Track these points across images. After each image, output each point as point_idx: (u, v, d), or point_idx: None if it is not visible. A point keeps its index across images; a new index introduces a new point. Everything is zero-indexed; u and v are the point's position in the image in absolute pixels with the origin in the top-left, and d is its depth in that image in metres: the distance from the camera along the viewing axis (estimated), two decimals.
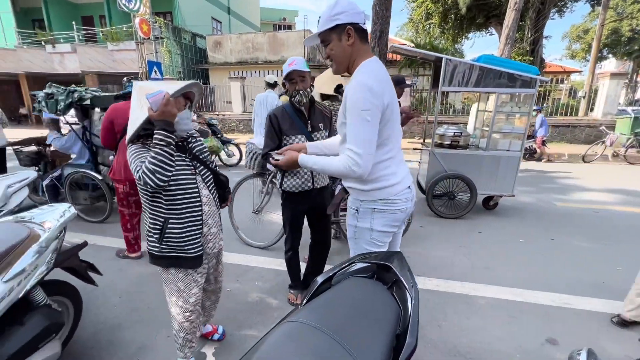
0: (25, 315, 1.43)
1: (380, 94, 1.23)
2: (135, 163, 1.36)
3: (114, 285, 2.50)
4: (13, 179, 2.00)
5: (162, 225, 1.45)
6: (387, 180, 1.37)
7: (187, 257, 1.50)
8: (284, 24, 27.96)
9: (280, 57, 13.53)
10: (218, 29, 19.15)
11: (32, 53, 14.95)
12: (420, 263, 2.86)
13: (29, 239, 1.44)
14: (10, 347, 1.33)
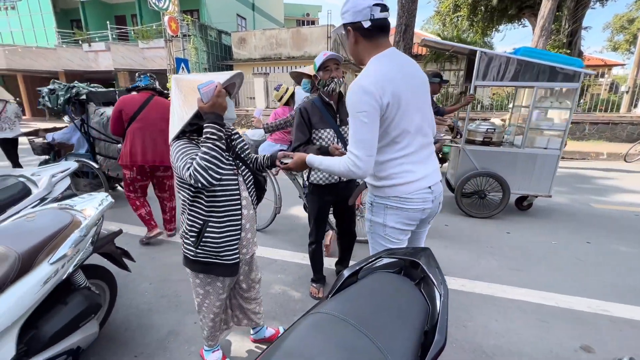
0: (68, 296, 1.53)
1: (378, 95, 1.20)
2: (183, 160, 1.26)
3: (145, 272, 2.62)
4: (57, 169, 2.15)
5: (201, 227, 1.38)
6: (400, 178, 1.35)
7: (222, 264, 1.43)
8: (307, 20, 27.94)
9: (304, 53, 13.55)
10: (243, 25, 19.44)
11: (70, 52, 15.86)
12: (446, 262, 2.80)
13: (71, 225, 1.54)
14: (55, 324, 1.44)
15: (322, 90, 1.98)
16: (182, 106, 1.32)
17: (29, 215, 1.57)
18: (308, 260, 2.44)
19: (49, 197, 1.99)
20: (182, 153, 1.28)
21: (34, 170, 2.08)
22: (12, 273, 1.29)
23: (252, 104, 12.90)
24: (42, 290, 1.37)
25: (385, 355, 0.78)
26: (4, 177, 1.96)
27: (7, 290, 1.27)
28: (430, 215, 1.47)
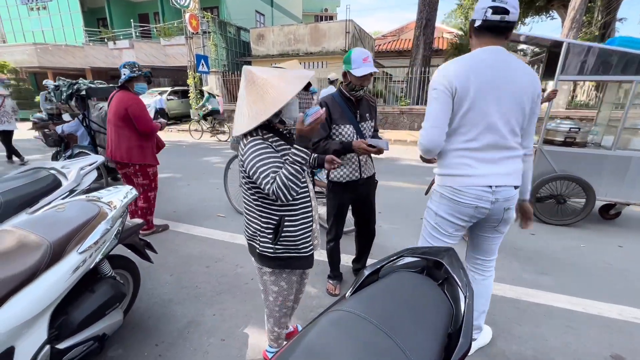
0: (94, 284, 1.59)
1: (450, 77, 1.34)
2: (263, 169, 1.22)
3: (166, 264, 2.69)
4: (85, 162, 2.24)
5: (277, 224, 1.36)
6: (457, 169, 1.42)
7: (300, 256, 1.43)
8: (325, 15, 27.75)
9: (321, 49, 13.47)
10: (261, 21, 19.52)
11: (96, 49, 16.44)
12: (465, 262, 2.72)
13: (99, 216, 1.59)
14: (84, 311, 1.50)
15: (348, 91, 1.95)
16: (256, 102, 1.23)
17: (60, 207, 1.64)
18: (324, 257, 2.43)
19: (77, 189, 2.07)
20: (260, 160, 1.23)
21: (64, 163, 2.18)
22: (45, 261, 1.35)
23: None
24: (71, 278, 1.43)
25: (408, 356, 0.77)
26: (36, 169, 2.05)
27: (40, 277, 1.33)
28: (491, 218, 1.46)
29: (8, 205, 1.70)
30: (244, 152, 1.27)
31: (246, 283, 2.44)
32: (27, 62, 16.70)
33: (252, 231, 1.43)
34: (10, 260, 1.30)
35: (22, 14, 18.72)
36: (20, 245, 1.36)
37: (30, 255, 1.34)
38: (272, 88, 1.22)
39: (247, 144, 1.27)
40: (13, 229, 1.42)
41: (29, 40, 18.13)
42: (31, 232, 1.41)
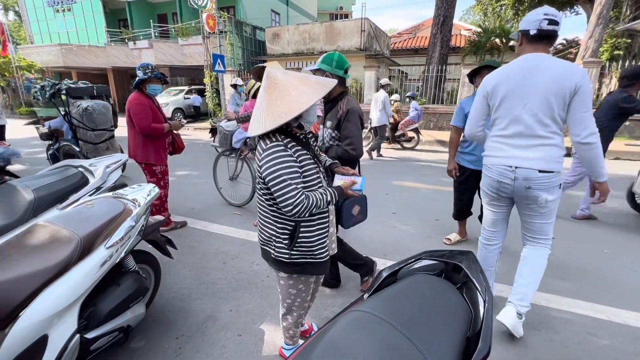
0: (120, 278, 1.66)
1: (486, 83, 1.82)
2: (286, 185, 1.21)
3: (185, 260, 2.77)
4: (110, 160, 2.33)
5: (293, 229, 1.35)
6: (490, 151, 1.88)
7: (316, 262, 1.42)
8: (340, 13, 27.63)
9: (337, 47, 13.44)
10: (277, 20, 19.63)
11: (117, 49, 16.93)
12: None
13: (124, 213, 1.66)
14: (110, 303, 1.57)
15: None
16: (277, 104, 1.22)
17: (88, 203, 1.72)
18: None
19: (103, 186, 2.16)
20: (283, 171, 1.21)
21: (91, 161, 2.28)
22: (76, 255, 1.42)
23: None
24: (99, 272, 1.50)
25: (426, 357, 0.78)
26: (65, 167, 2.16)
27: (71, 270, 1.40)
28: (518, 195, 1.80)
29: (41, 201, 1.79)
30: (263, 156, 1.24)
31: (262, 280, 2.49)
32: (53, 62, 17.38)
33: (267, 236, 1.41)
34: (45, 254, 1.37)
35: (48, 15, 19.48)
36: (54, 240, 1.44)
37: (62, 249, 1.41)
38: (295, 91, 1.22)
39: (266, 149, 1.24)
40: (46, 224, 1.50)
41: (55, 41, 18.86)
42: (63, 227, 1.49)
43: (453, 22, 11.57)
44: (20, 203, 1.75)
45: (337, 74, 1.94)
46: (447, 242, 3.14)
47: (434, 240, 3.16)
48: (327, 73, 1.96)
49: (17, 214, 1.72)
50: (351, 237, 3.08)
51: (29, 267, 1.32)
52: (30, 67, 16.53)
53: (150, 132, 2.90)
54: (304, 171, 1.29)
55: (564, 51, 17.69)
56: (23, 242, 1.42)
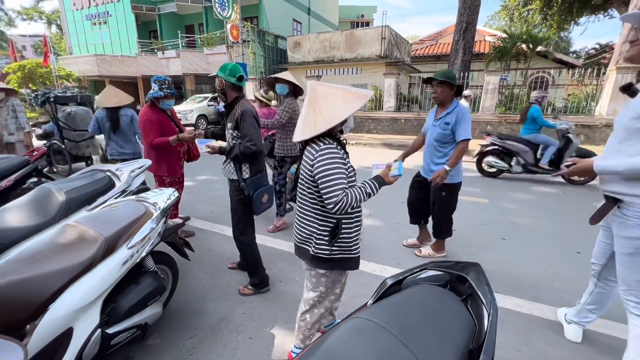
0: (139, 277, 1.76)
1: None
2: (335, 180, 1.32)
3: (202, 262, 2.86)
4: (135, 166, 2.48)
5: (334, 226, 1.44)
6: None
7: (352, 257, 1.52)
8: (361, 21, 27.80)
9: (357, 55, 13.52)
10: (298, 29, 20.02)
11: (147, 59, 17.83)
12: (499, 278, 2.60)
13: (145, 215, 1.76)
14: (130, 300, 1.66)
15: None
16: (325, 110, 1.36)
17: (113, 205, 1.84)
18: None
19: (128, 189, 2.30)
20: (334, 169, 1.34)
21: (117, 166, 2.43)
22: (100, 253, 1.52)
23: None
24: (121, 270, 1.59)
25: None
26: (95, 171, 2.31)
27: (96, 268, 1.50)
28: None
29: (72, 202, 1.93)
30: (318, 155, 1.36)
31: (275, 285, 2.53)
32: (88, 71, 18.53)
33: (307, 234, 1.50)
34: (73, 252, 1.48)
35: (86, 28, 20.87)
36: (81, 239, 1.55)
37: (88, 247, 1.51)
38: (340, 99, 1.37)
39: (321, 149, 1.37)
40: (75, 224, 1.61)
41: (91, 52, 20.10)
42: (90, 227, 1.60)
43: (476, 28, 11.37)
44: (54, 204, 1.90)
45: (230, 80, 2.16)
46: (404, 243, 3.18)
47: (452, 251, 3.09)
48: (222, 79, 2.18)
49: (50, 213, 1.86)
50: (365, 245, 3.07)
51: (59, 263, 1.42)
52: (68, 76, 17.71)
53: (155, 146, 2.87)
54: (350, 171, 1.43)
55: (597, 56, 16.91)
56: (55, 240, 1.54)
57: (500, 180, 5.80)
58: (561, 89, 12.29)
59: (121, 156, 3.55)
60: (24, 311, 1.30)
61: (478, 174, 6.16)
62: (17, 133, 4.97)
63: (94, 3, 19.76)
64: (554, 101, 10.81)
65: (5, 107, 4.88)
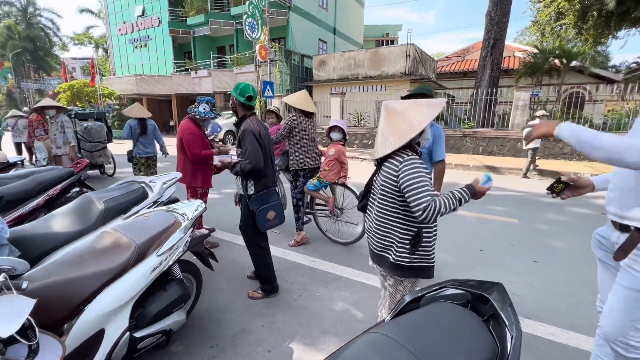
0: (166, 284, 1.84)
1: None
2: (422, 189, 1.37)
3: (225, 273, 2.93)
4: (167, 178, 2.64)
5: (415, 235, 1.49)
6: None
7: (429, 266, 1.56)
8: (386, 39, 28.15)
9: (381, 72, 13.66)
10: (323, 48, 20.60)
11: (181, 78, 18.99)
12: (530, 302, 2.46)
13: (174, 225, 1.86)
14: (156, 306, 1.73)
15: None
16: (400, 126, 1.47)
17: (146, 215, 1.96)
18: (373, 281, 2.42)
19: (160, 200, 2.44)
20: (420, 179, 1.39)
21: (151, 178, 2.59)
22: (132, 259, 1.61)
23: (328, 122, 13.44)
24: (150, 276, 1.68)
25: None
26: (131, 182, 2.49)
27: (128, 273, 1.59)
28: None
29: (109, 211, 2.09)
30: (403, 166, 1.43)
31: (294, 299, 2.54)
32: (128, 90, 19.95)
33: (388, 242, 1.55)
34: (109, 257, 1.59)
35: (128, 51, 22.64)
36: (116, 245, 1.66)
37: (122, 253, 1.62)
38: (414, 112, 1.45)
39: (406, 160, 1.44)
40: (112, 231, 1.73)
41: (132, 72, 21.71)
42: (124, 235, 1.71)
43: (505, 44, 11.19)
44: (94, 212, 2.05)
45: (239, 99, 2.34)
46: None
47: (479, 272, 2.97)
48: (234, 98, 2.38)
49: (90, 220, 2.01)
50: None
51: (96, 267, 1.53)
52: (110, 95, 19.14)
53: (201, 159, 3.13)
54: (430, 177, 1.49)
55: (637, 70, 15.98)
56: (93, 245, 1.66)
57: (530, 198, 5.54)
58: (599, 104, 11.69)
59: (145, 154, 4.75)
60: (64, 310, 1.41)
61: (506, 192, 5.92)
62: (64, 147, 5.43)
63: (136, 28, 21.48)
64: (591, 117, 10.28)
65: (55, 123, 5.37)
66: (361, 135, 12.31)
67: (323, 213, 3.67)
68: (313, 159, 3.45)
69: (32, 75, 31.88)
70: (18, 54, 31.26)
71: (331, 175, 3.38)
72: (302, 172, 3.46)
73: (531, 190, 6.06)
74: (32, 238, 1.80)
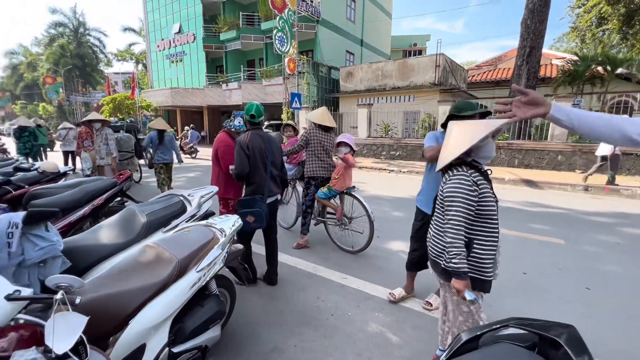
0: (203, 300, 1.85)
1: None
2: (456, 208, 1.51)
3: (257, 288, 2.93)
4: (205, 192, 2.70)
5: (467, 244, 1.56)
6: None
7: (482, 279, 1.59)
8: (414, 50, 27.91)
9: (409, 83, 13.50)
10: (351, 60, 20.76)
11: (213, 91, 19.83)
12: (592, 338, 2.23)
13: (213, 240, 1.88)
14: (194, 322, 1.74)
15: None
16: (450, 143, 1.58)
17: (186, 229, 2.00)
18: (407, 303, 2.32)
19: (197, 214, 2.50)
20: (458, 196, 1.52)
21: (190, 192, 2.67)
22: (174, 275, 1.64)
23: (355, 132, 13.40)
24: (189, 292, 1.69)
25: None
26: (171, 195, 2.57)
27: (169, 288, 1.62)
28: None
29: (151, 224, 2.15)
30: (448, 180, 1.60)
31: (326, 318, 2.47)
32: (164, 102, 21.09)
33: (440, 248, 1.65)
34: (152, 271, 1.62)
35: (165, 66, 24.03)
36: (158, 260, 1.70)
37: (164, 268, 1.65)
38: (468, 130, 1.52)
39: (450, 177, 1.59)
40: (154, 246, 1.77)
41: (168, 85, 22.95)
42: (166, 249, 1.75)
43: (542, 52, 10.71)
44: (137, 225, 2.13)
45: (246, 117, 2.86)
46: (392, 298, 2.68)
47: (523, 298, 2.76)
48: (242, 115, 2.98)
49: (133, 233, 2.09)
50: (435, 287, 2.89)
51: (140, 281, 1.56)
52: (147, 107, 20.31)
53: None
54: (482, 197, 1.53)
55: None
56: (137, 259, 1.71)
57: (576, 216, 5.15)
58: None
59: (162, 160, 5.69)
60: (110, 324, 1.44)
61: (548, 209, 5.55)
62: (107, 158, 5.77)
63: (173, 44, 22.80)
64: None
65: (100, 136, 5.74)
66: (388, 146, 12.15)
67: (333, 221, 3.87)
68: (326, 169, 3.73)
69: (79, 89, 34.59)
70: (69, 70, 34.12)
71: (340, 183, 3.58)
72: (314, 181, 3.76)
73: (576, 207, 5.64)
74: (81, 249, 1.89)
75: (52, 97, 34.50)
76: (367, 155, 12.65)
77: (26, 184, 3.53)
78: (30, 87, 40.92)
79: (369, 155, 12.59)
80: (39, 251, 1.57)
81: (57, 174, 4.08)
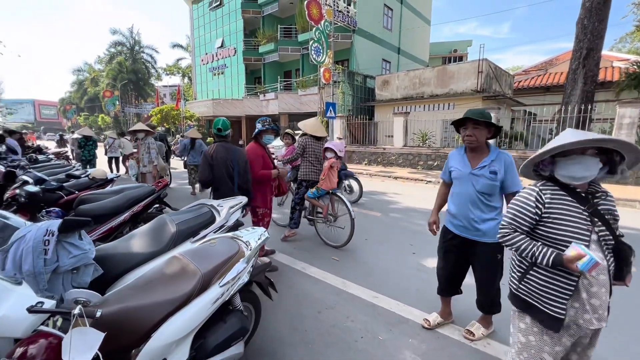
0: (226, 315, 1.79)
1: None
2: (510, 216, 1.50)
3: (281, 301, 2.83)
4: (233, 202, 2.70)
5: (528, 265, 1.47)
6: None
7: (543, 311, 1.40)
8: (454, 56, 26.95)
9: (449, 90, 12.96)
10: (387, 68, 20.50)
11: (251, 101, 20.60)
12: None
13: (238, 254, 1.82)
14: (217, 338, 1.68)
15: None
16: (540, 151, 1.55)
17: (212, 241, 1.97)
18: (445, 330, 2.10)
19: (225, 225, 2.48)
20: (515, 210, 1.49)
21: (219, 202, 2.67)
22: (197, 289, 1.60)
23: (390, 142, 13.09)
24: (212, 308, 1.64)
25: None
26: (200, 205, 2.59)
27: (192, 302, 1.58)
28: None
29: (180, 234, 2.17)
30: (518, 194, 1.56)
31: (355, 340, 2.31)
32: (206, 112, 22.27)
33: (511, 265, 1.60)
34: (176, 284, 1.59)
35: (208, 78, 25.49)
36: (183, 272, 1.67)
37: (188, 282, 1.61)
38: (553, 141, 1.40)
39: (522, 189, 1.59)
40: (180, 257, 1.76)
41: (210, 97, 24.27)
42: (191, 262, 1.72)
43: (601, 53, 9.73)
44: (167, 234, 2.15)
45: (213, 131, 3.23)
46: (426, 325, 2.44)
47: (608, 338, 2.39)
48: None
49: (163, 243, 2.11)
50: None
51: (164, 294, 1.54)
52: (190, 117, 21.57)
53: (259, 178, 3.42)
54: (555, 217, 1.38)
55: None
56: (162, 271, 1.69)
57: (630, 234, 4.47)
58: None
59: (193, 162, 7.19)
60: (133, 336, 1.42)
61: None
62: (149, 165, 6.11)
63: (216, 58, 24.15)
64: None
65: (144, 145, 6.10)
66: (426, 156, 11.67)
67: (321, 219, 4.30)
68: (316, 174, 4.26)
69: (133, 102, 37.77)
70: (124, 84, 37.47)
71: (326, 184, 4.06)
72: (305, 183, 4.30)
73: None
74: (113, 257, 1.93)
75: (109, 109, 38.02)
76: (402, 165, 12.26)
77: (77, 189, 3.81)
78: (92, 100, 45.48)
79: (404, 165, 12.19)
80: (72, 259, 1.62)
81: (105, 180, 4.37)
